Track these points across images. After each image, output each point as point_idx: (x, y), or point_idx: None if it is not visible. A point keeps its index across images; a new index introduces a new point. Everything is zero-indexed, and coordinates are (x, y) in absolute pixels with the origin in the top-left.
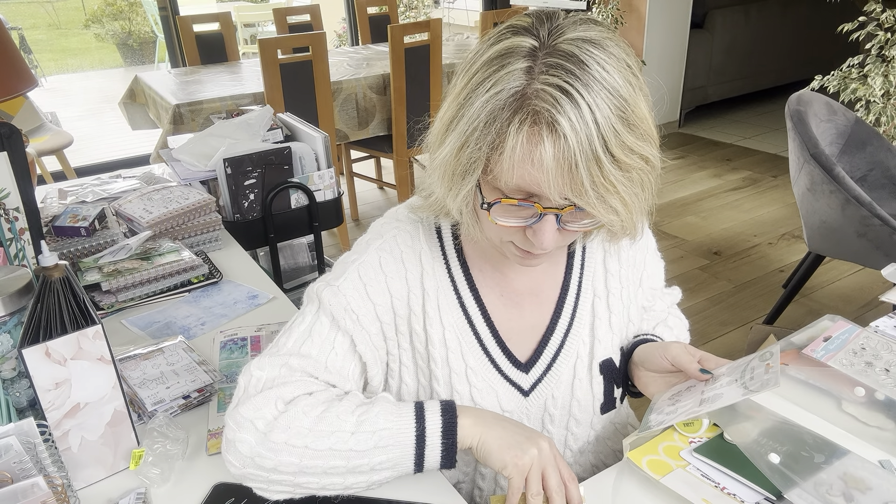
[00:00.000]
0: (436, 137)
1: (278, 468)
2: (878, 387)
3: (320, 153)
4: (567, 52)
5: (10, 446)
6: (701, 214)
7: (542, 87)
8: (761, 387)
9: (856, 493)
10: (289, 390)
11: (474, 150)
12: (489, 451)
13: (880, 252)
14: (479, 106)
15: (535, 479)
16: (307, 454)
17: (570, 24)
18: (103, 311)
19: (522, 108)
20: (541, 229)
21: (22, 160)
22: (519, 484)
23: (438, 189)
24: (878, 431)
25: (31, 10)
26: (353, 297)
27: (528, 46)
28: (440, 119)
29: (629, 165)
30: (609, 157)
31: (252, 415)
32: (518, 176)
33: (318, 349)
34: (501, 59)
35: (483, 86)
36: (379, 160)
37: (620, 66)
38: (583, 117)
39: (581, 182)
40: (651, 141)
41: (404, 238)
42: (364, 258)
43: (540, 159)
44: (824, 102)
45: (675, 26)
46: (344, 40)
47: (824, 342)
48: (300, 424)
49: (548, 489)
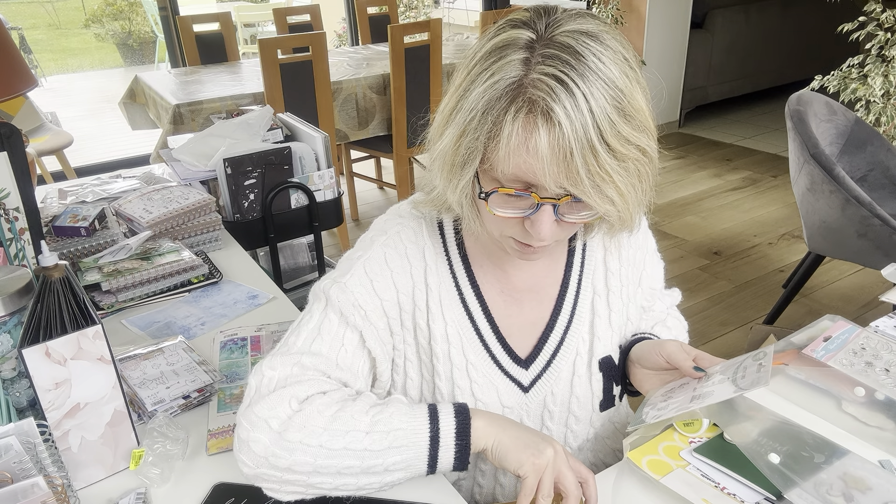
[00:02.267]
0: (436, 130)
1: (293, 468)
2: (878, 387)
3: (320, 153)
4: (564, 44)
5: (10, 446)
6: (701, 214)
7: (539, 76)
8: (751, 385)
9: (856, 493)
10: (303, 389)
11: (472, 139)
12: (506, 451)
13: (880, 252)
14: (476, 96)
15: (548, 479)
16: (322, 453)
17: (567, 17)
18: (103, 311)
19: (519, 97)
20: (538, 220)
21: (22, 160)
22: (533, 484)
23: (439, 180)
24: (878, 431)
25: (31, 10)
26: (360, 292)
27: (525, 39)
28: (440, 112)
29: (625, 155)
30: (604, 146)
31: (266, 414)
32: (514, 165)
33: (329, 346)
34: (500, 51)
35: (481, 77)
36: (379, 160)
37: (617, 57)
38: (578, 106)
39: (577, 171)
40: (648, 132)
41: (408, 234)
42: (369, 254)
43: (535, 147)
44: (824, 102)
45: (675, 26)
46: (344, 40)
47: (824, 342)
48: (315, 423)
49: (565, 489)
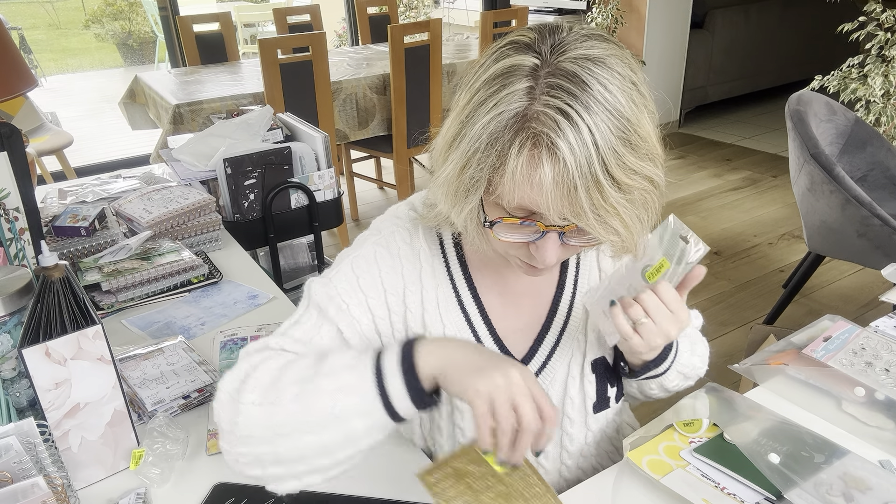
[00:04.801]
0: (439, 153)
1: (253, 435)
2: (878, 387)
3: (320, 153)
4: (569, 72)
5: (10, 446)
6: (701, 214)
7: (543, 109)
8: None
9: (856, 493)
10: (258, 358)
11: (476, 170)
12: (456, 375)
13: (880, 252)
14: (480, 127)
15: (501, 410)
16: (275, 412)
17: (573, 39)
18: (103, 311)
19: (523, 131)
20: (543, 246)
21: (22, 160)
22: (482, 412)
23: (443, 204)
24: (878, 431)
25: (31, 10)
26: (344, 288)
27: (529, 65)
28: (443, 136)
29: (630, 187)
30: (609, 179)
31: (225, 387)
32: (519, 197)
33: (303, 332)
34: (503, 77)
35: (485, 105)
36: (379, 160)
37: (625, 84)
38: (582, 139)
39: (580, 205)
40: (655, 161)
41: (403, 235)
42: (359, 252)
43: (539, 182)
44: (824, 102)
45: (675, 26)
46: (344, 40)
47: (824, 342)
48: (264, 381)
49: (518, 419)
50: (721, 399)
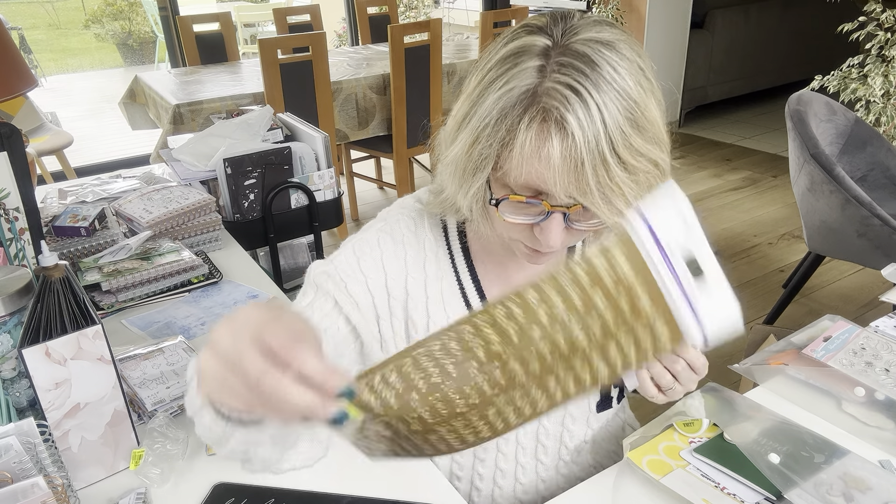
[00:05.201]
0: (448, 134)
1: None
2: (878, 387)
3: (320, 153)
4: (579, 53)
5: (10, 446)
6: (701, 214)
7: (553, 85)
8: None
9: (856, 493)
10: None
11: (485, 146)
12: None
13: (880, 252)
14: (490, 102)
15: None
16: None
17: (584, 24)
18: (103, 311)
19: (533, 106)
20: (548, 227)
21: (22, 160)
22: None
23: (450, 186)
24: (878, 431)
25: (31, 10)
26: (344, 268)
27: (541, 45)
28: (453, 117)
29: (636, 168)
30: (616, 158)
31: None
32: (526, 172)
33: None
34: (515, 57)
35: (496, 83)
36: (379, 160)
37: (633, 68)
38: (591, 116)
39: (587, 181)
40: (660, 145)
41: (408, 223)
42: (363, 236)
43: (548, 156)
44: (824, 102)
45: (675, 26)
46: (344, 40)
47: (824, 342)
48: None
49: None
50: (721, 399)
